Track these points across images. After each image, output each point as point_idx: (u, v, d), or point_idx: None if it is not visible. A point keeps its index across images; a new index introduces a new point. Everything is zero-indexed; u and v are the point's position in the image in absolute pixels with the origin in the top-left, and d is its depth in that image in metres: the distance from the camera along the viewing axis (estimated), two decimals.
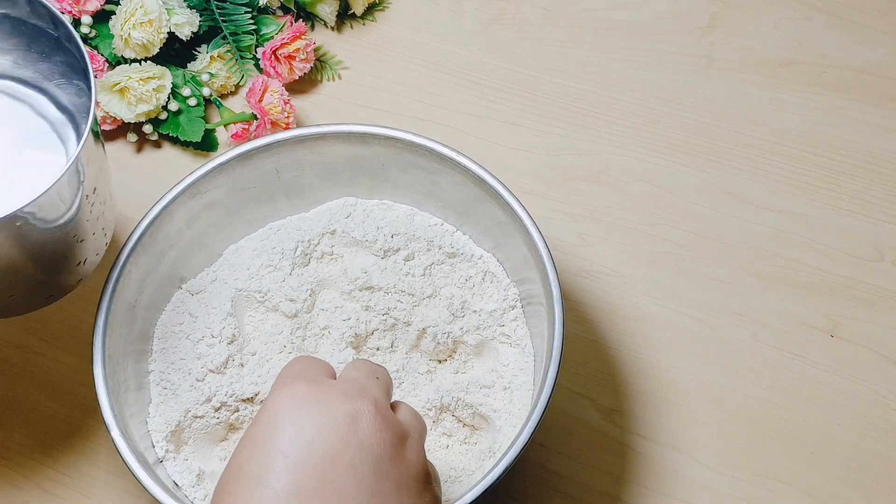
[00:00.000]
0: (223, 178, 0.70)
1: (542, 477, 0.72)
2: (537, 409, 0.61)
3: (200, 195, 0.70)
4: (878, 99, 0.84)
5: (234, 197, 0.72)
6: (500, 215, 0.68)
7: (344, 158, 0.71)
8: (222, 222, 0.72)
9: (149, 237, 0.68)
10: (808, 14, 0.88)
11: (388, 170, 0.71)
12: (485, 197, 0.68)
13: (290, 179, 0.72)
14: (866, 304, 0.77)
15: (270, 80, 0.82)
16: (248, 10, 0.85)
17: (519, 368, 0.68)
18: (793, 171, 0.82)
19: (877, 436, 0.73)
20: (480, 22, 0.89)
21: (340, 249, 0.71)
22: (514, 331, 0.69)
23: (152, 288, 0.69)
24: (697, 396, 0.74)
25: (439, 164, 0.69)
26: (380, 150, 0.70)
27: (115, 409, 0.63)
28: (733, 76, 0.86)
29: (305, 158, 0.71)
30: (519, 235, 0.67)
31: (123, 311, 0.67)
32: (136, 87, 0.80)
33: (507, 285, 0.70)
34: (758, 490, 0.71)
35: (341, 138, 0.70)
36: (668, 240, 0.80)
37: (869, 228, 0.80)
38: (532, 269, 0.66)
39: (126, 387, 0.66)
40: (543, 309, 0.65)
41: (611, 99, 0.85)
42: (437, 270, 0.70)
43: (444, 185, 0.70)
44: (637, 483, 0.72)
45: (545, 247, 0.65)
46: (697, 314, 0.77)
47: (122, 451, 0.61)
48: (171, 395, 0.67)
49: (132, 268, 0.67)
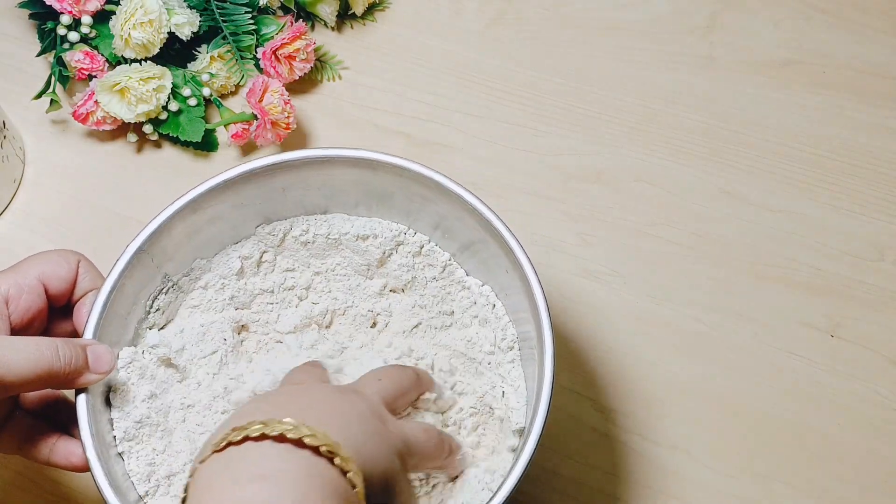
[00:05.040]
0: (228, 193, 0.68)
1: (542, 477, 0.72)
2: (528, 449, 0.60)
3: (202, 210, 0.68)
4: (878, 99, 0.84)
5: (236, 212, 0.70)
6: (500, 255, 0.66)
7: (351, 182, 0.69)
8: (225, 237, 0.71)
9: (146, 250, 0.66)
10: (808, 14, 0.88)
11: (395, 197, 0.70)
12: (488, 239, 0.67)
13: (297, 198, 0.71)
14: (866, 304, 0.77)
15: (270, 80, 0.82)
16: (249, 10, 0.85)
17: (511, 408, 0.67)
18: (793, 171, 0.82)
19: (877, 436, 0.73)
20: (480, 22, 0.89)
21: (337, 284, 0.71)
22: (508, 372, 0.68)
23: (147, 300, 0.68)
24: (697, 396, 0.74)
25: (445, 198, 0.67)
26: (387, 177, 0.68)
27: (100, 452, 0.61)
28: (733, 76, 0.86)
29: (312, 179, 0.69)
30: (520, 282, 0.65)
31: (116, 323, 0.65)
32: (136, 87, 0.80)
33: (506, 324, 0.69)
34: (758, 490, 0.71)
35: (350, 163, 0.68)
36: (668, 240, 0.80)
37: (869, 228, 0.80)
38: (528, 315, 0.64)
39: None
40: (534, 353, 0.63)
41: (611, 99, 0.85)
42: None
43: (450, 219, 0.68)
44: (637, 483, 0.72)
45: (543, 298, 0.63)
46: (697, 314, 0.77)
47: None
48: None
49: (126, 281, 0.65)
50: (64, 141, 0.85)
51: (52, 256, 0.63)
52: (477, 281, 0.70)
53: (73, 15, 0.83)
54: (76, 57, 0.83)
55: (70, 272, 0.63)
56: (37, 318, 0.62)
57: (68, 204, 0.83)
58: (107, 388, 0.64)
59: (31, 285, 0.62)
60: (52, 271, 0.63)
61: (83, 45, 0.84)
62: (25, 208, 0.83)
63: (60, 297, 0.63)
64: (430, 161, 0.68)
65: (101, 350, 0.61)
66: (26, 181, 0.84)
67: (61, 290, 0.63)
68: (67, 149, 0.85)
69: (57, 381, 0.58)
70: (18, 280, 0.61)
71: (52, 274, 0.63)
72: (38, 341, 0.58)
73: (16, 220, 0.83)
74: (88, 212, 0.83)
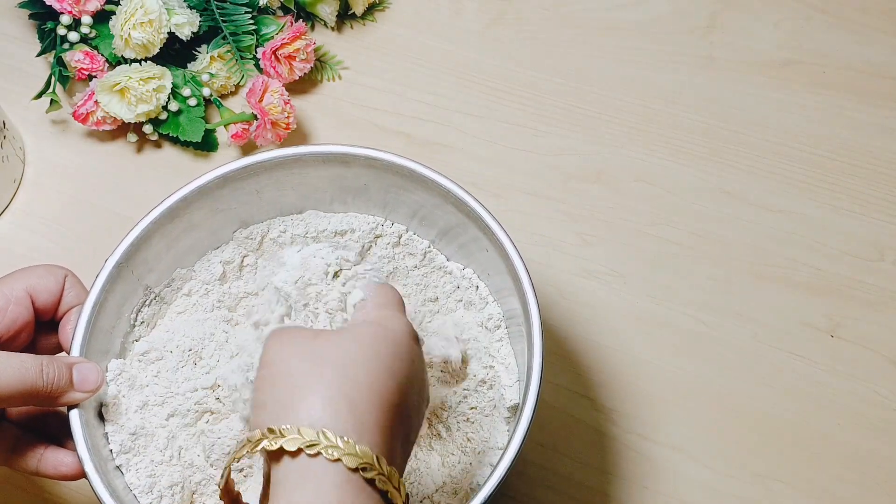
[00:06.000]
0: (203, 200, 0.68)
1: (542, 476, 0.72)
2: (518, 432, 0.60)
3: (179, 218, 0.68)
4: (878, 99, 0.84)
5: (213, 218, 0.69)
6: (480, 236, 0.66)
7: (326, 179, 0.69)
8: (204, 244, 0.70)
9: (125, 263, 0.66)
10: (808, 14, 0.88)
11: (370, 190, 0.70)
12: (466, 221, 0.67)
13: (272, 200, 0.70)
14: (866, 304, 0.77)
15: (270, 80, 0.82)
16: (249, 10, 0.85)
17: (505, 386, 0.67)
18: (793, 171, 0.82)
19: (877, 436, 0.73)
20: (480, 22, 0.89)
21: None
22: (498, 351, 0.68)
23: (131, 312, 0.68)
24: (697, 396, 0.74)
25: (420, 186, 0.67)
26: (361, 170, 0.68)
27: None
28: (733, 76, 0.86)
29: (286, 179, 0.69)
30: (501, 259, 0.65)
31: (102, 338, 0.65)
32: (136, 87, 0.80)
33: (491, 304, 0.69)
34: (758, 490, 0.71)
35: (320, 159, 0.68)
36: (668, 240, 0.80)
37: (869, 228, 0.80)
38: (512, 291, 0.64)
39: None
40: (524, 331, 0.63)
41: (611, 99, 0.85)
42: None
43: (427, 206, 0.69)
44: (637, 483, 0.72)
45: (525, 270, 0.63)
46: (697, 314, 0.77)
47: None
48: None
49: (108, 296, 0.65)
50: (64, 141, 0.85)
51: (39, 270, 0.63)
52: (458, 265, 0.70)
53: (73, 15, 0.83)
54: (76, 57, 0.83)
55: (57, 286, 0.63)
56: (23, 330, 0.62)
57: (68, 204, 0.83)
58: (98, 403, 0.63)
59: (18, 297, 0.61)
60: (40, 284, 0.62)
61: (83, 45, 0.84)
62: (25, 208, 0.83)
63: (47, 310, 0.63)
64: (431, 161, 0.68)
65: (88, 368, 0.60)
66: (26, 181, 0.84)
67: (48, 304, 0.63)
68: (67, 149, 0.85)
69: (40, 399, 0.58)
70: (6, 291, 0.61)
71: (39, 287, 0.62)
72: (22, 358, 0.58)
73: (16, 220, 0.83)
74: (88, 212, 0.83)
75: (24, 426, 0.62)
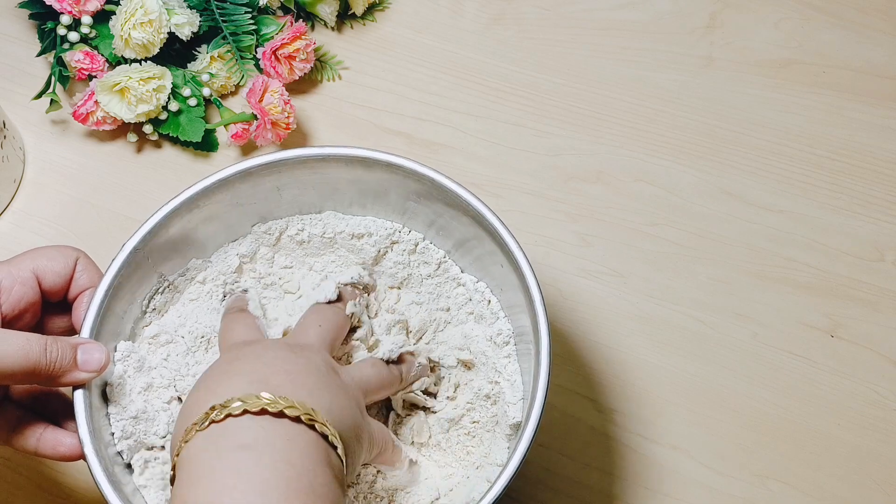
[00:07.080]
0: (223, 193, 0.68)
1: (542, 477, 0.72)
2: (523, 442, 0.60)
3: (198, 209, 0.68)
4: (878, 99, 0.84)
5: (232, 211, 0.70)
6: (495, 251, 0.66)
7: (346, 180, 0.69)
8: (221, 236, 0.70)
9: (142, 248, 0.66)
10: (808, 14, 0.88)
11: (390, 195, 0.70)
12: (483, 235, 0.67)
13: (292, 198, 0.71)
14: (866, 304, 0.77)
15: (270, 80, 0.82)
16: (248, 10, 0.85)
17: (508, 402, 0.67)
18: (793, 171, 0.82)
19: (877, 436, 0.73)
20: (480, 22, 0.90)
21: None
22: (504, 367, 0.67)
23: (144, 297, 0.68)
24: (697, 396, 0.74)
25: (439, 195, 0.67)
26: (382, 175, 0.68)
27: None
28: (733, 76, 0.86)
29: (308, 178, 0.69)
30: (515, 276, 0.65)
31: (113, 321, 0.65)
32: (136, 87, 0.80)
33: (502, 320, 0.69)
34: (758, 490, 0.71)
35: (345, 161, 0.68)
36: (668, 240, 0.80)
37: (869, 228, 0.80)
38: (523, 309, 0.64)
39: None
40: (532, 350, 0.63)
41: (611, 99, 0.85)
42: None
43: (445, 217, 0.68)
44: (637, 483, 0.72)
45: (538, 290, 0.62)
46: (697, 314, 0.77)
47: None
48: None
49: (123, 280, 0.65)
50: (64, 141, 0.85)
51: (49, 251, 0.63)
52: (472, 277, 0.70)
53: (73, 15, 0.83)
54: (76, 57, 0.83)
55: (66, 268, 0.63)
56: (28, 310, 0.62)
57: (68, 204, 0.83)
58: (103, 383, 0.64)
59: (24, 277, 0.62)
60: (48, 266, 0.63)
61: (83, 45, 0.84)
62: (25, 208, 0.83)
63: (56, 292, 0.63)
64: (430, 161, 0.68)
65: (93, 348, 0.61)
66: (26, 181, 0.84)
67: (56, 285, 0.63)
68: (67, 149, 0.85)
69: (42, 378, 0.59)
70: (12, 271, 0.62)
71: (46, 268, 0.63)
72: (27, 336, 0.58)
73: (16, 220, 0.83)
74: (88, 212, 0.83)
75: (27, 406, 0.63)
